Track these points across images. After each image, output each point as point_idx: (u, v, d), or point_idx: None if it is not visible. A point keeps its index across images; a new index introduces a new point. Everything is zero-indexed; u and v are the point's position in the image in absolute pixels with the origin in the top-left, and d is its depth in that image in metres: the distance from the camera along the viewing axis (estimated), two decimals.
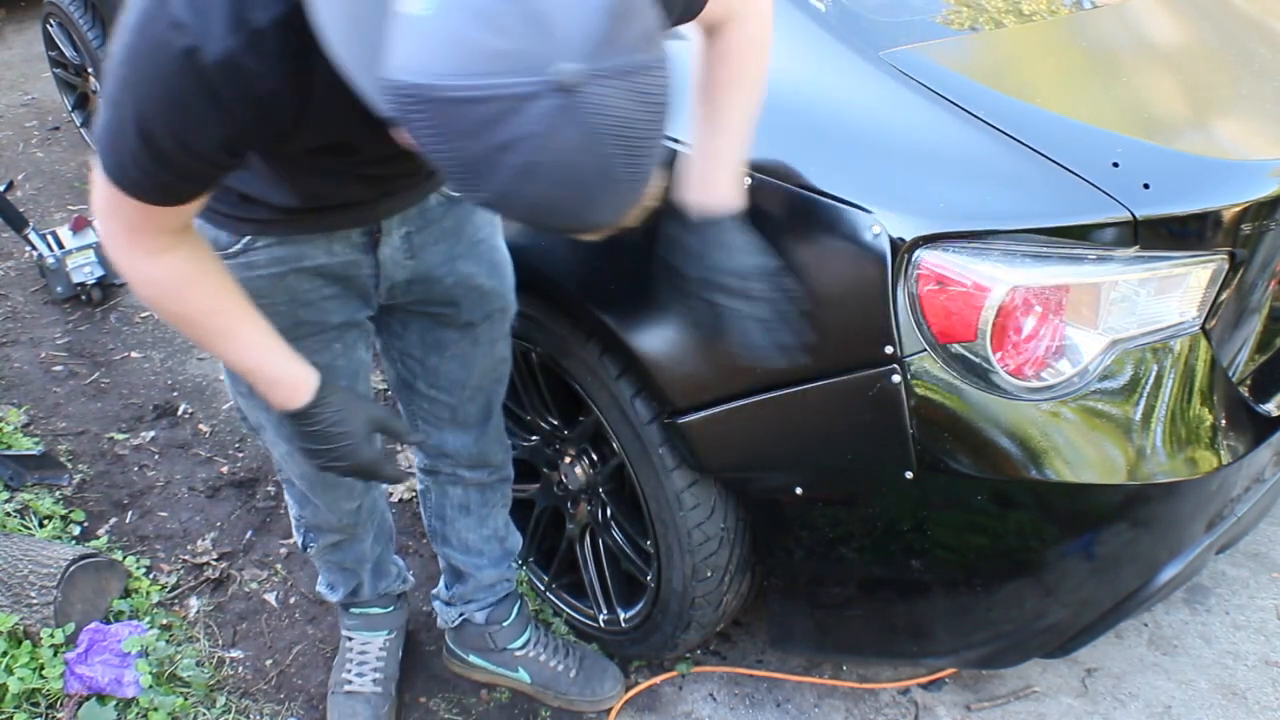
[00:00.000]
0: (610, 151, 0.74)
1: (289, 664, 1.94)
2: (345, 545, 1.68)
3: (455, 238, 1.40)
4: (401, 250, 1.36)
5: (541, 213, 0.78)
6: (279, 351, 1.20)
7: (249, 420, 1.50)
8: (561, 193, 0.75)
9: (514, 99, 0.70)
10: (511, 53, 0.70)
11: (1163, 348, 1.36)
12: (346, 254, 1.32)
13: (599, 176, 0.75)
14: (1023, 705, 1.87)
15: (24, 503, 2.19)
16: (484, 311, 1.49)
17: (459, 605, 1.84)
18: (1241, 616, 2.04)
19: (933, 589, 1.48)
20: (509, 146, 0.72)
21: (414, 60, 0.72)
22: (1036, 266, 1.26)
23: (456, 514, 1.75)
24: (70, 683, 1.77)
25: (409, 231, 1.35)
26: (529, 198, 0.76)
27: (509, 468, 1.75)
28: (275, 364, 1.20)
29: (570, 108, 0.71)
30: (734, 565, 1.65)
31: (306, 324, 1.34)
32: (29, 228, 2.98)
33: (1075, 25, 1.73)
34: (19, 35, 5.33)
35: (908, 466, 1.34)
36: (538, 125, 0.71)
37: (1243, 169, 1.39)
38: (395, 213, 1.32)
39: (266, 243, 1.26)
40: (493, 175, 0.74)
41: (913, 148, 1.34)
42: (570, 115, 0.71)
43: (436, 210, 1.37)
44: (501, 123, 0.71)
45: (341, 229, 1.29)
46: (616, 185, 0.77)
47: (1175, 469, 1.35)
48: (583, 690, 1.83)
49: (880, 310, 1.28)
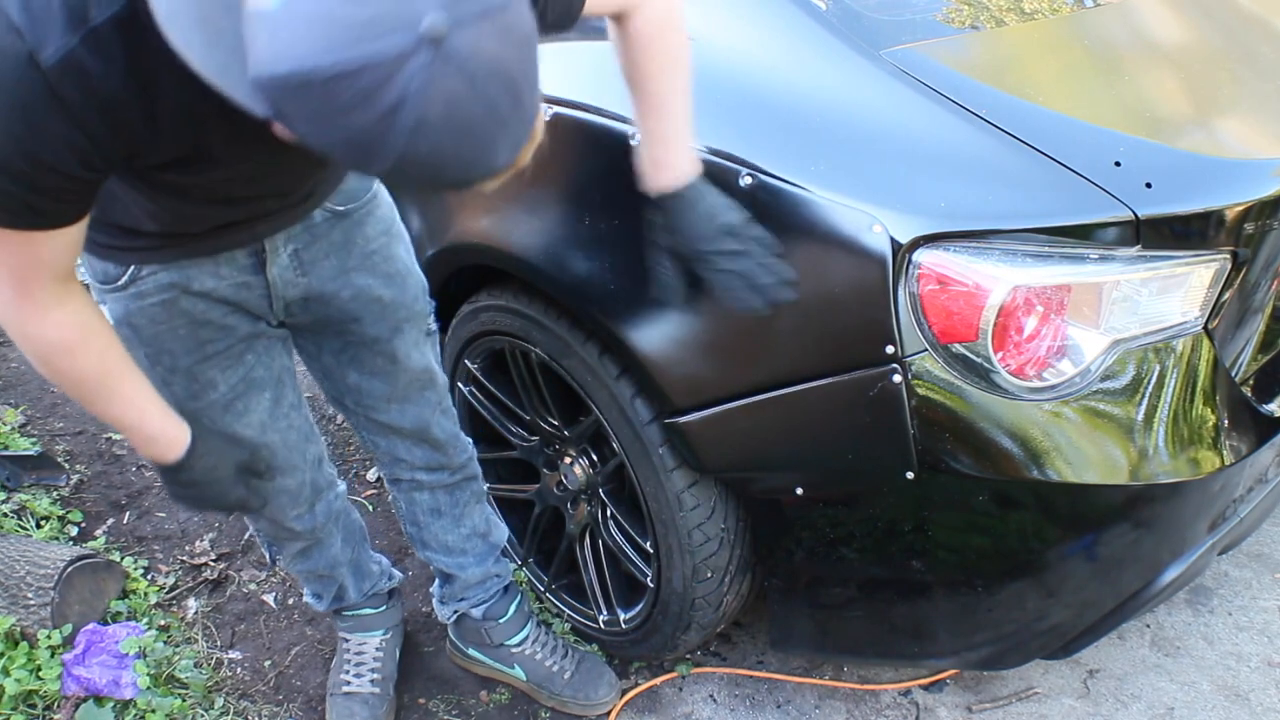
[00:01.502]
0: (492, 93, 0.75)
1: (287, 665, 1.94)
2: (312, 552, 1.66)
3: (346, 251, 1.38)
4: (291, 268, 1.33)
5: (443, 167, 0.78)
6: (157, 408, 1.21)
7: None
8: (456, 143, 0.76)
9: (389, 61, 0.71)
10: (375, 18, 0.70)
11: (1165, 348, 1.36)
12: (234, 276, 1.29)
13: (488, 119, 0.76)
14: (1024, 706, 1.86)
15: (21, 503, 2.18)
16: (389, 324, 1.46)
17: (451, 604, 1.84)
18: (1244, 618, 2.04)
19: (934, 590, 1.48)
20: (396, 109, 0.72)
21: (278, 52, 0.72)
22: (1038, 266, 1.26)
23: (429, 518, 1.73)
24: (68, 684, 1.76)
25: (296, 249, 1.33)
26: (426, 155, 0.76)
27: (473, 465, 1.72)
28: (153, 421, 1.21)
29: (445, 57, 0.72)
30: (734, 566, 1.64)
31: (211, 341, 1.32)
32: None
33: (1077, 24, 1.72)
34: None
35: (909, 467, 1.33)
36: (417, 81, 0.71)
37: (1245, 168, 1.39)
38: (277, 231, 1.30)
39: (151, 270, 1.24)
40: (386, 143, 0.74)
41: (914, 147, 1.34)
42: (446, 64, 0.72)
43: (323, 225, 1.35)
44: (383, 88, 0.71)
45: (224, 251, 1.26)
46: (505, 124, 0.78)
47: (1178, 469, 1.35)
48: (576, 692, 1.82)
49: (881, 310, 1.28)
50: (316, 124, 0.74)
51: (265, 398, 1.41)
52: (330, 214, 1.35)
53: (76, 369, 1.13)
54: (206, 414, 1.36)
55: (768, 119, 1.38)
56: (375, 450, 1.66)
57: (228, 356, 1.35)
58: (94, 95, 0.88)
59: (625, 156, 1.34)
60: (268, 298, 1.34)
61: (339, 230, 1.37)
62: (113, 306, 1.28)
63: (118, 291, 1.25)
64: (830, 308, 1.33)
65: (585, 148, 1.50)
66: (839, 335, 1.34)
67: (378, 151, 0.75)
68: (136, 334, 1.29)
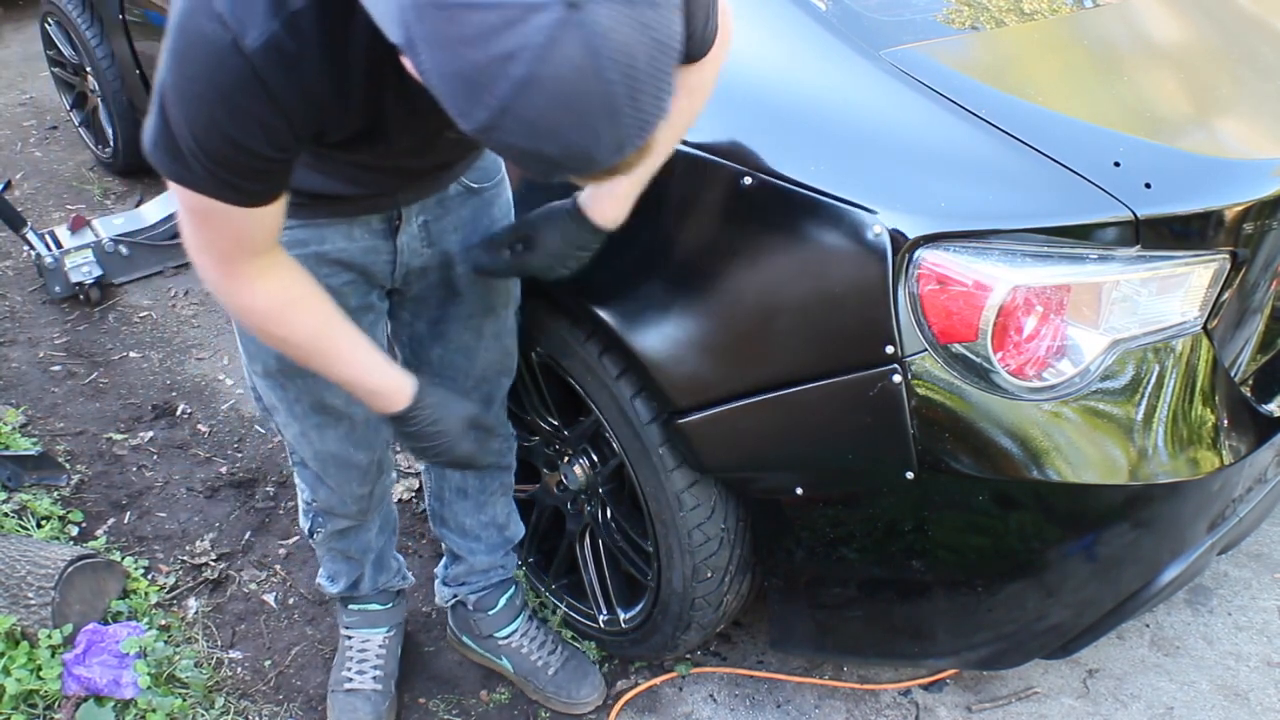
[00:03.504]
0: (611, 78, 0.73)
1: (288, 665, 1.94)
2: (352, 533, 1.69)
3: (472, 228, 1.43)
4: (419, 238, 1.39)
5: (540, 137, 0.76)
6: (377, 361, 1.25)
7: (263, 400, 1.51)
8: (559, 115, 0.74)
9: (519, 7, 0.70)
10: None
11: (1164, 348, 1.36)
12: (365, 239, 1.34)
13: (599, 103, 0.74)
14: (1024, 706, 1.86)
15: (22, 503, 2.18)
16: (486, 304, 1.50)
17: (454, 586, 1.87)
18: (1244, 617, 2.04)
19: (934, 590, 1.48)
20: (511, 56, 0.71)
21: None
22: (1038, 266, 1.26)
23: (454, 497, 1.77)
24: (68, 684, 1.76)
25: (426, 220, 1.38)
26: (528, 116, 0.74)
27: (510, 456, 1.76)
28: (374, 374, 1.25)
29: (573, 23, 0.70)
30: (734, 566, 1.64)
31: None
32: (27, 227, 2.98)
33: (1077, 24, 1.72)
34: (17, 34, 5.32)
35: (909, 467, 1.33)
36: (540, 36, 0.70)
37: (1244, 168, 1.39)
38: (416, 200, 1.35)
39: (289, 224, 1.26)
40: (493, 88, 0.73)
41: (913, 147, 1.34)
42: (572, 31, 0.71)
43: (455, 200, 1.40)
44: (506, 30, 0.70)
45: (363, 215, 1.32)
46: (616, 117, 0.76)
47: (1177, 469, 1.35)
48: (559, 689, 1.83)
49: (881, 310, 1.28)
50: (437, 50, 0.74)
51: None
52: (464, 189, 1.40)
53: (293, 334, 1.19)
54: (300, 374, 1.39)
55: (768, 120, 1.38)
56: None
57: None
58: (293, 77, 0.93)
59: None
60: (392, 264, 1.39)
61: (469, 207, 1.42)
62: None
63: None
64: (830, 308, 1.33)
65: None
66: (839, 335, 1.34)
67: (482, 95, 0.74)
68: None
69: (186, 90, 0.92)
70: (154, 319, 3.03)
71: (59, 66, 3.87)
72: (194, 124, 0.93)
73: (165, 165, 0.99)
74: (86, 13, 3.42)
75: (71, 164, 4.00)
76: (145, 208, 3.30)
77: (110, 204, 3.72)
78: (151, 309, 3.08)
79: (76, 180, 3.87)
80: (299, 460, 1.60)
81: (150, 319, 3.03)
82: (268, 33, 0.89)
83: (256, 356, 1.41)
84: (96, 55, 3.42)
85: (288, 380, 1.41)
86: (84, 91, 3.79)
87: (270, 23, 0.89)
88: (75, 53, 3.64)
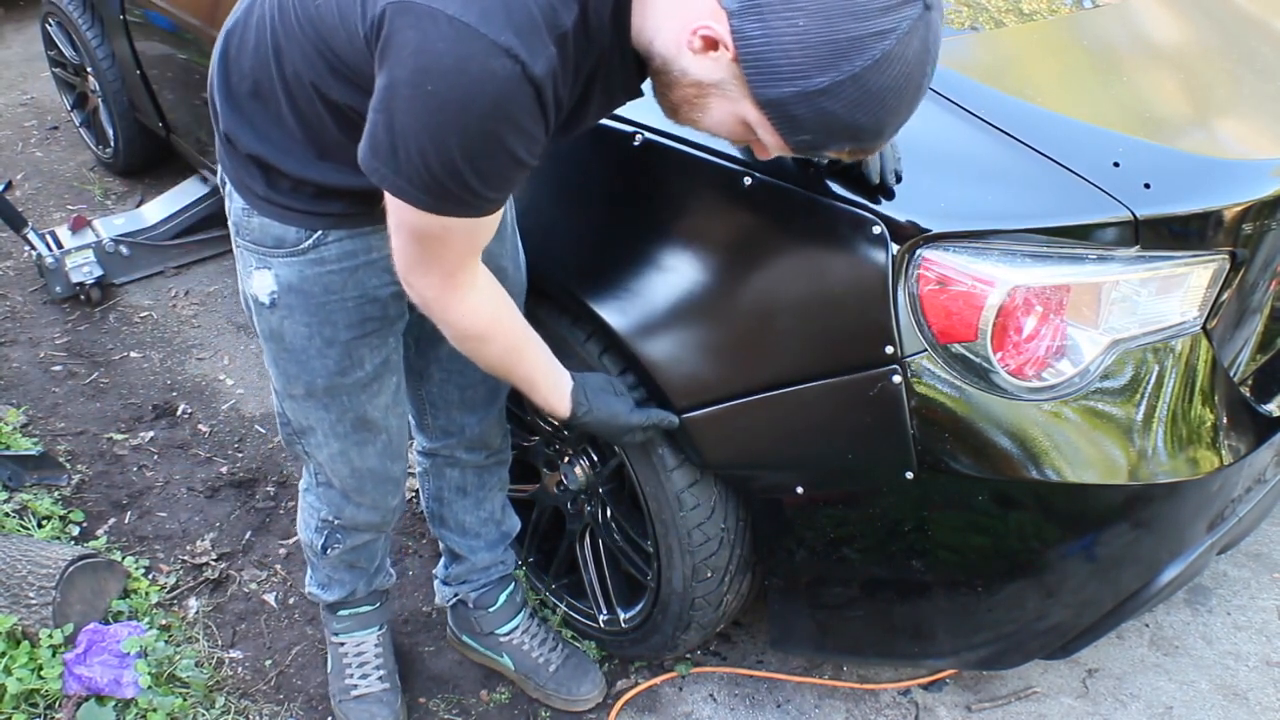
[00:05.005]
0: (928, 71, 0.92)
1: (288, 664, 1.94)
2: (369, 545, 1.70)
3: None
4: None
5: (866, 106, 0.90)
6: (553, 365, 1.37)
7: (292, 424, 1.49)
8: (898, 89, 0.90)
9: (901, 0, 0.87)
10: None
11: (1164, 348, 1.36)
12: None
13: (915, 90, 0.92)
14: (1023, 706, 1.86)
15: (22, 503, 2.18)
16: None
17: (454, 585, 1.87)
18: (1243, 617, 2.04)
19: (934, 589, 1.48)
20: (884, 34, 0.87)
21: None
22: (1037, 266, 1.26)
23: (454, 496, 1.77)
24: (69, 683, 1.76)
25: None
26: (871, 86, 0.89)
27: (507, 451, 1.78)
28: (553, 374, 1.37)
29: (925, 22, 0.89)
30: (734, 566, 1.64)
31: (370, 319, 1.37)
32: (28, 227, 2.98)
33: (1076, 24, 1.72)
34: (18, 34, 5.32)
35: (908, 467, 1.33)
36: (906, 24, 0.87)
37: (1244, 168, 1.39)
38: None
39: (338, 236, 1.28)
40: (855, 57, 0.87)
41: (913, 147, 1.34)
42: (922, 26, 0.88)
43: None
44: (886, 14, 0.86)
45: None
46: (914, 105, 0.94)
47: (1176, 469, 1.35)
48: (559, 686, 1.83)
49: (881, 310, 1.28)
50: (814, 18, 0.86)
51: (393, 382, 1.46)
52: None
53: (503, 337, 1.28)
54: (346, 391, 1.41)
55: None
56: (431, 421, 1.69)
57: (378, 336, 1.39)
58: (560, 94, 1.01)
59: (626, 155, 1.34)
60: None
61: None
62: (283, 271, 1.30)
63: (294, 256, 1.28)
64: (830, 308, 1.33)
65: (586, 146, 1.50)
66: (839, 335, 1.34)
67: (840, 62, 0.87)
68: (305, 301, 1.32)
69: (471, 127, 0.96)
70: (154, 319, 3.03)
71: (60, 67, 3.88)
72: (475, 159, 0.98)
73: (423, 201, 1.03)
74: (87, 13, 3.43)
75: (72, 164, 4.00)
76: (146, 208, 3.31)
77: (111, 204, 3.73)
78: (152, 309, 3.08)
79: (77, 180, 3.87)
80: (324, 480, 1.57)
81: (151, 319, 3.03)
82: (548, 57, 0.96)
83: (298, 378, 1.39)
84: (97, 55, 3.43)
85: (331, 399, 1.41)
86: (85, 92, 3.79)
87: (549, 48, 0.96)
88: (76, 53, 3.64)
